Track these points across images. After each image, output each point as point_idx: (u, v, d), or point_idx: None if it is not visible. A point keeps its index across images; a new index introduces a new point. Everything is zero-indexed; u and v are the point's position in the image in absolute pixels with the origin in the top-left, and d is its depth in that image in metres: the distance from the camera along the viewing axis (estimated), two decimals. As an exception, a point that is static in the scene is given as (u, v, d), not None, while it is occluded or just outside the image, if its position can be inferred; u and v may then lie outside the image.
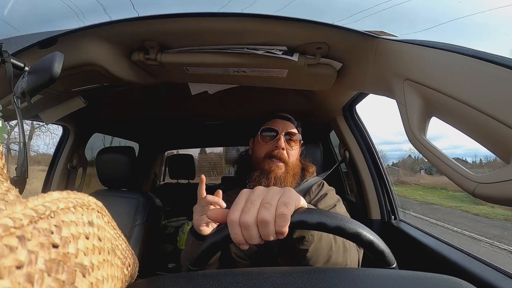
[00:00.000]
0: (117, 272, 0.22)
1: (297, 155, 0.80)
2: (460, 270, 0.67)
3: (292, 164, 0.76)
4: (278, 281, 0.27)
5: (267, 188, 0.37)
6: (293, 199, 0.35)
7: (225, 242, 0.37)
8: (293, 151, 0.77)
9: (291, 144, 0.77)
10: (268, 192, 0.36)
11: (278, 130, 0.76)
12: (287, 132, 0.77)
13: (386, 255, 0.36)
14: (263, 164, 0.74)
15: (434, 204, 7.50)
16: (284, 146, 0.74)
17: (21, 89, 0.51)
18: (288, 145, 0.76)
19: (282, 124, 0.78)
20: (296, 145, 0.78)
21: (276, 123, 0.78)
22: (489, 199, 0.36)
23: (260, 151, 0.77)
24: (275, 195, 0.35)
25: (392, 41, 0.52)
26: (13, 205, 0.14)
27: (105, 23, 0.59)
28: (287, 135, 0.77)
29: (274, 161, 0.73)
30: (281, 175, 0.73)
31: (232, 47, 0.65)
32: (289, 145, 0.76)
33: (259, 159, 0.77)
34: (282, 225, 0.33)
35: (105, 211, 0.23)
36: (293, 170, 0.76)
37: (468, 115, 0.37)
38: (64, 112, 0.99)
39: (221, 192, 0.60)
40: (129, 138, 2.17)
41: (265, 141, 0.77)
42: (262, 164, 0.75)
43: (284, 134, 0.76)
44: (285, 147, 0.75)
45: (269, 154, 0.74)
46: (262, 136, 0.78)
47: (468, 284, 0.27)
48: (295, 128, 0.79)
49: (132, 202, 1.17)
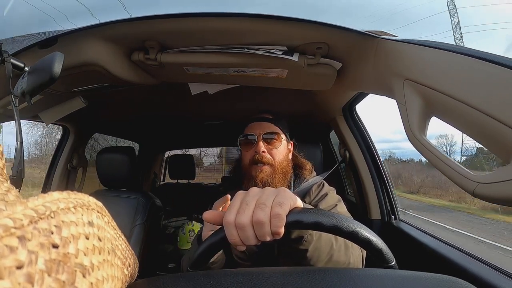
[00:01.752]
0: (117, 272, 0.22)
1: (284, 152, 0.78)
2: (460, 270, 0.67)
3: (279, 163, 0.75)
4: (278, 281, 0.27)
5: (262, 189, 0.37)
6: (288, 199, 0.35)
7: (222, 243, 0.37)
8: (276, 150, 0.76)
9: (273, 143, 0.76)
10: (263, 193, 0.36)
11: (255, 134, 0.76)
12: (266, 132, 0.76)
13: (384, 253, 0.36)
14: (250, 170, 0.75)
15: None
16: (264, 148, 0.74)
17: (21, 89, 0.51)
18: (270, 145, 0.75)
19: (258, 126, 0.77)
20: (278, 143, 0.76)
21: (252, 128, 0.78)
22: (489, 199, 0.36)
23: (245, 159, 0.77)
24: (270, 195, 0.36)
25: (392, 41, 0.52)
26: (13, 205, 0.14)
27: (105, 23, 0.59)
28: (266, 135, 0.76)
29: (258, 166, 0.73)
30: (267, 177, 0.72)
31: (232, 47, 0.65)
32: (271, 145, 0.75)
33: (245, 166, 0.77)
34: (278, 225, 0.33)
35: (105, 211, 0.23)
36: (281, 169, 0.75)
37: (468, 115, 0.37)
38: (64, 112, 0.99)
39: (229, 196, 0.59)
40: (129, 138, 2.17)
41: (245, 148, 0.77)
42: (248, 170, 0.75)
43: (262, 136, 0.75)
44: (267, 149, 0.74)
45: (253, 160, 0.74)
46: (242, 144, 0.78)
47: (468, 284, 0.27)
48: (274, 126, 0.78)
49: (132, 202, 1.17)
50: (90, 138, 1.57)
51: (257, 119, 0.79)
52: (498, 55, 0.35)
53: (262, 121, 0.79)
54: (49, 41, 0.61)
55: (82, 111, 1.00)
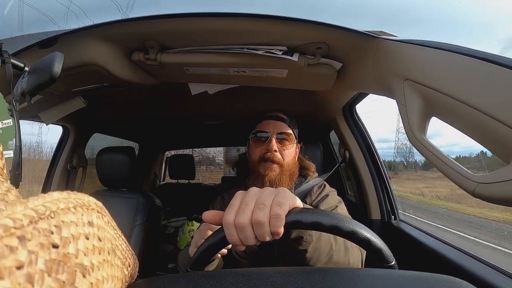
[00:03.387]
0: (117, 272, 0.22)
1: (293, 154, 0.78)
2: (460, 270, 0.67)
3: (287, 164, 0.75)
4: (278, 281, 0.27)
5: (262, 189, 0.37)
6: (287, 199, 0.35)
7: (221, 243, 0.37)
8: (288, 151, 0.76)
9: (284, 144, 0.76)
10: (262, 193, 0.36)
11: (269, 132, 0.75)
12: (279, 132, 0.75)
13: (384, 252, 0.36)
14: (258, 168, 0.74)
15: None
16: (276, 148, 0.73)
17: (21, 89, 0.51)
18: (282, 146, 0.75)
19: (273, 125, 0.76)
20: (290, 144, 0.76)
21: (266, 125, 0.77)
22: (489, 199, 0.36)
23: (254, 155, 0.76)
24: (269, 195, 0.35)
25: (392, 41, 0.52)
26: (13, 205, 0.14)
27: (105, 23, 0.59)
28: (279, 135, 0.75)
29: (268, 164, 0.73)
30: (276, 177, 0.72)
31: (232, 47, 0.65)
32: (282, 146, 0.75)
33: (254, 162, 0.76)
34: (277, 225, 0.33)
35: (105, 211, 0.23)
36: (289, 170, 0.75)
37: (468, 115, 0.37)
38: (64, 112, 0.99)
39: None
40: (129, 138, 2.17)
41: (257, 144, 0.76)
42: (257, 168, 0.74)
43: (276, 135, 0.75)
44: (278, 148, 0.74)
45: (263, 157, 0.74)
46: (254, 140, 0.77)
47: (468, 284, 0.27)
48: (288, 127, 0.77)
49: (132, 202, 1.17)
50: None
51: (272, 117, 0.78)
52: (498, 55, 0.35)
53: (277, 120, 0.78)
54: (49, 41, 0.61)
55: (82, 111, 1.00)
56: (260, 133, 0.76)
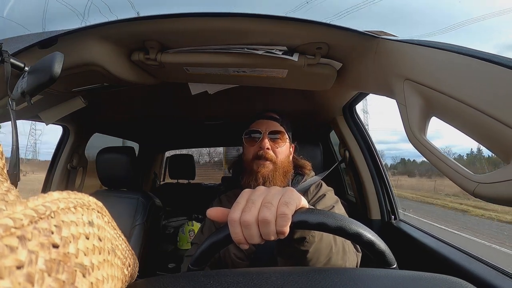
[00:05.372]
0: (117, 272, 0.22)
1: (287, 152, 0.79)
2: (460, 270, 0.67)
3: (281, 162, 0.76)
4: (278, 281, 0.27)
5: (269, 188, 0.38)
6: (294, 199, 0.35)
7: (225, 241, 0.37)
8: (280, 149, 0.77)
9: (277, 142, 0.77)
10: (269, 192, 0.36)
11: (261, 131, 0.76)
12: (272, 131, 0.77)
13: (387, 256, 0.36)
14: (252, 165, 0.75)
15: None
16: (269, 145, 0.75)
17: (21, 89, 0.51)
18: (274, 144, 0.76)
19: (265, 124, 0.78)
20: (283, 142, 0.78)
21: (259, 124, 0.78)
22: (489, 199, 0.36)
23: (248, 154, 0.78)
24: (276, 194, 0.36)
25: (392, 41, 0.52)
26: (14, 205, 0.14)
27: (105, 23, 0.59)
28: (271, 134, 0.77)
29: (261, 161, 0.74)
30: (269, 173, 0.73)
31: (232, 47, 0.65)
32: (275, 144, 0.76)
33: (248, 161, 0.77)
34: (283, 224, 0.33)
35: (105, 211, 0.23)
36: (283, 168, 0.76)
37: (468, 115, 0.37)
38: (64, 112, 0.99)
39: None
40: (129, 138, 2.17)
41: (250, 143, 0.78)
42: (250, 165, 0.75)
43: (268, 134, 0.76)
44: (271, 146, 0.75)
45: (256, 155, 0.75)
46: (247, 139, 0.79)
47: (468, 284, 0.27)
48: (280, 126, 0.79)
49: (132, 202, 1.17)
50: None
51: (264, 117, 0.80)
52: (498, 55, 0.35)
53: (269, 119, 0.79)
54: (49, 41, 0.61)
55: (82, 111, 1.00)
56: (253, 133, 0.78)
